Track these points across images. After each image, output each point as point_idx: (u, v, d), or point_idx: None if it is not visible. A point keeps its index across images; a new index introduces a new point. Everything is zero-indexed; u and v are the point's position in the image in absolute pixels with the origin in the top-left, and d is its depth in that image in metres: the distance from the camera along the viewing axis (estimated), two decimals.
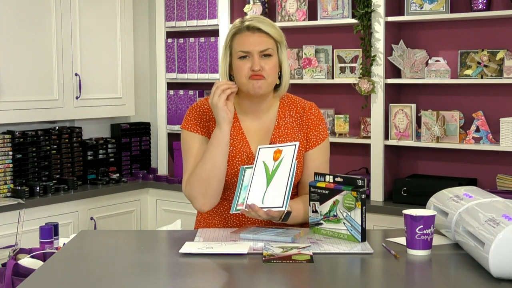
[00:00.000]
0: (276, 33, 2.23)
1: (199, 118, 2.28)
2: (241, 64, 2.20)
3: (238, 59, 2.21)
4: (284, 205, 1.98)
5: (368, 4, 3.84)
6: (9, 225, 3.66)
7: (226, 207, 2.26)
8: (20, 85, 3.99)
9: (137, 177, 4.73)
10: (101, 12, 4.44)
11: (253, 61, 2.18)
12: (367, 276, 1.80)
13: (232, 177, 2.22)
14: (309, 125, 2.29)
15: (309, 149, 2.28)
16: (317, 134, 2.29)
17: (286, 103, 2.32)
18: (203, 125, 2.27)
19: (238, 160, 2.23)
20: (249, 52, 2.19)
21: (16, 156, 4.04)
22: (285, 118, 2.29)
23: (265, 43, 2.20)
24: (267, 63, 2.19)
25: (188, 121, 2.29)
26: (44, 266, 1.84)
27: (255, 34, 2.20)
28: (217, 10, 4.48)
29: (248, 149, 2.25)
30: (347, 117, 4.10)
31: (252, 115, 2.28)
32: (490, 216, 1.73)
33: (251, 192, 2.04)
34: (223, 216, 2.27)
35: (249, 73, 2.19)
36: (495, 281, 1.63)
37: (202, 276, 1.75)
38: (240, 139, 2.26)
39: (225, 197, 2.26)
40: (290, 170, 2.01)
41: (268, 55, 2.20)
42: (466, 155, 3.87)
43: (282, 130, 2.27)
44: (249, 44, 2.19)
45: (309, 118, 2.30)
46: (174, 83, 4.79)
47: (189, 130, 2.28)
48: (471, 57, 3.76)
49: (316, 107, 2.35)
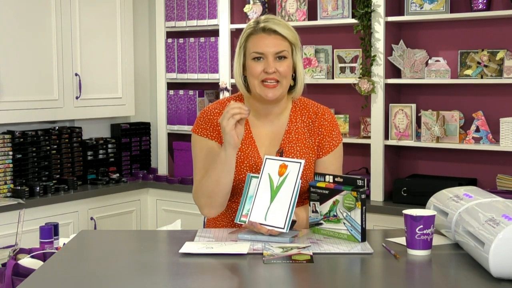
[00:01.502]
0: (292, 35, 2.21)
1: (209, 122, 2.26)
2: (254, 66, 2.18)
3: (252, 60, 2.19)
4: (285, 227, 1.97)
5: (368, 4, 3.84)
6: (9, 225, 3.66)
7: (234, 209, 2.25)
8: (20, 85, 3.99)
9: (137, 177, 4.73)
10: (101, 12, 4.44)
11: (267, 63, 2.16)
12: (367, 276, 1.80)
13: (239, 182, 2.21)
14: (322, 131, 2.27)
15: (323, 156, 2.26)
16: (330, 141, 2.27)
17: (298, 107, 2.30)
18: (213, 129, 2.25)
19: (246, 166, 2.22)
20: (263, 53, 2.17)
21: (16, 156, 4.04)
22: (297, 123, 2.27)
23: (280, 45, 2.18)
24: (281, 65, 2.18)
25: (198, 125, 2.28)
26: (44, 266, 1.84)
27: (271, 36, 2.18)
28: (217, 10, 4.48)
29: (257, 154, 2.23)
30: (347, 117, 4.11)
31: (264, 118, 2.26)
32: (490, 216, 1.73)
33: (254, 206, 2.03)
34: (231, 218, 2.27)
35: (263, 75, 2.17)
36: (495, 281, 1.63)
37: (202, 276, 1.75)
38: (249, 144, 2.24)
39: (234, 200, 2.25)
40: (294, 190, 2.00)
41: (283, 57, 2.19)
42: (466, 155, 3.87)
43: (292, 135, 2.25)
44: (264, 46, 2.17)
45: (322, 124, 2.27)
46: (174, 83, 4.80)
47: (198, 134, 2.27)
48: (471, 57, 3.76)
49: (330, 112, 2.32)
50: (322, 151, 2.26)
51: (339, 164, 2.31)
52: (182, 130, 4.67)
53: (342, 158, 2.32)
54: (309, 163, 2.24)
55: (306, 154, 2.24)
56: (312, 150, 2.26)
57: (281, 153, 2.23)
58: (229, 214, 2.28)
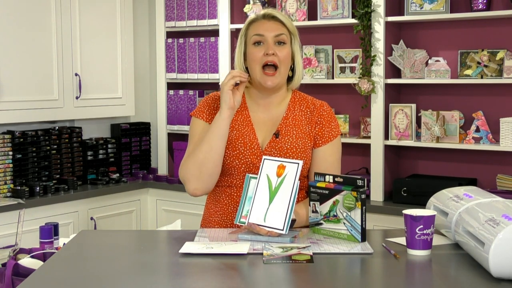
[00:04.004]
0: (291, 24, 2.29)
1: (207, 106, 2.31)
2: (255, 51, 2.23)
3: (252, 45, 2.25)
4: (284, 229, 1.98)
5: (368, 4, 3.84)
6: (9, 225, 3.66)
7: (227, 193, 2.26)
8: (20, 85, 3.99)
9: (137, 177, 4.73)
10: (101, 12, 4.44)
11: (267, 46, 2.22)
12: (367, 276, 1.80)
13: (233, 159, 2.22)
14: (322, 121, 2.29)
15: (322, 145, 2.27)
16: (329, 130, 2.29)
17: (297, 99, 2.34)
18: (211, 113, 2.29)
19: (240, 143, 2.23)
20: (263, 36, 2.23)
21: (16, 156, 4.04)
22: (295, 111, 2.30)
23: (280, 29, 2.25)
24: (280, 50, 2.23)
25: (198, 108, 2.33)
26: (44, 266, 1.84)
27: (270, 21, 2.27)
28: (217, 10, 4.48)
29: (253, 135, 2.25)
30: (347, 117, 4.11)
31: (263, 107, 2.30)
32: (490, 216, 1.73)
33: (253, 208, 2.04)
34: (225, 203, 2.26)
35: (263, 59, 2.22)
36: (495, 281, 1.63)
37: (202, 276, 1.75)
38: (246, 125, 2.27)
39: (227, 184, 2.26)
40: (292, 190, 2.01)
41: (282, 42, 2.24)
42: (466, 155, 3.87)
43: (289, 121, 2.28)
44: (264, 29, 2.24)
45: (321, 115, 2.30)
46: (174, 83, 4.80)
47: (196, 116, 2.32)
48: (471, 57, 3.76)
49: (328, 105, 2.36)
50: (321, 140, 2.28)
51: (338, 157, 2.32)
52: (182, 130, 4.67)
53: (340, 153, 2.34)
54: (305, 148, 2.25)
55: (302, 139, 2.25)
56: (308, 137, 2.27)
57: (277, 135, 2.24)
58: (223, 199, 2.26)
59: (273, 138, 2.24)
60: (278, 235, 1.99)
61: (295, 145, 2.24)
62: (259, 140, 2.25)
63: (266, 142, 2.25)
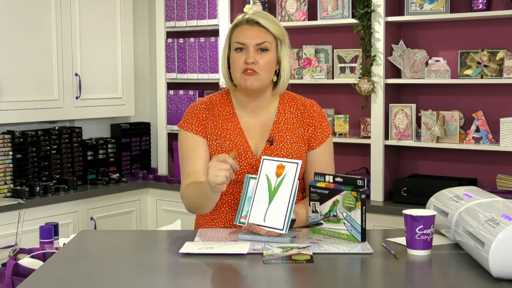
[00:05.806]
0: (276, 29, 2.22)
1: (195, 117, 2.28)
2: (236, 57, 2.20)
3: (234, 51, 2.21)
4: (284, 229, 1.98)
5: (368, 4, 3.84)
6: (9, 225, 3.66)
7: (223, 200, 2.26)
8: (20, 85, 3.99)
9: (137, 177, 4.73)
10: (101, 12, 4.44)
11: (248, 54, 2.17)
12: (367, 276, 1.80)
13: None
14: (314, 122, 2.28)
15: (316, 147, 2.27)
16: (321, 132, 2.29)
17: (286, 100, 2.31)
18: (199, 124, 2.27)
19: None
20: (245, 44, 2.18)
21: (16, 156, 4.04)
22: (285, 114, 2.28)
23: (262, 37, 2.19)
24: (262, 58, 2.18)
25: (185, 119, 2.30)
26: (44, 266, 1.84)
27: (253, 28, 2.20)
28: (217, 10, 4.48)
29: (246, 143, 2.23)
30: (347, 117, 4.10)
31: (251, 112, 2.28)
32: (490, 216, 1.73)
33: (253, 208, 2.04)
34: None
35: (243, 66, 2.18)
36: (495, 281, 1.63)
37: (202, 276, 1.75)
38: (237, 134, 2.25)
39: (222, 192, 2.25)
40: (292, 191, 2.00)
41: (265, 49, 2.19)
42: (466, 155, 3.87)
43: (281, 125, 2.26)
44: (245, 37, 2.19)
45: (312, 116, 2.29)
46: (174, 83, 4.80)
47: (184, 129, 2.28)
48: (471, 57, 3.76)
49: (317, 104, 2.34)
50: (315, 142, 2.28)
51: (331, 156, 2.32)
52: None
53: (333, 151, 2.34)
54: (300, 152, 2.25)
55: (296, 143, 2.25)
56: (302, 140, 2.26)
57: (271, 142, 2.23)
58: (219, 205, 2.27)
59: (268, 145, 2.23)
60: (278, 235, 1.99)
61: (291, 151, 2.23)
62: (252, 148, 2.23)
63: (259, 148, 2.23)
